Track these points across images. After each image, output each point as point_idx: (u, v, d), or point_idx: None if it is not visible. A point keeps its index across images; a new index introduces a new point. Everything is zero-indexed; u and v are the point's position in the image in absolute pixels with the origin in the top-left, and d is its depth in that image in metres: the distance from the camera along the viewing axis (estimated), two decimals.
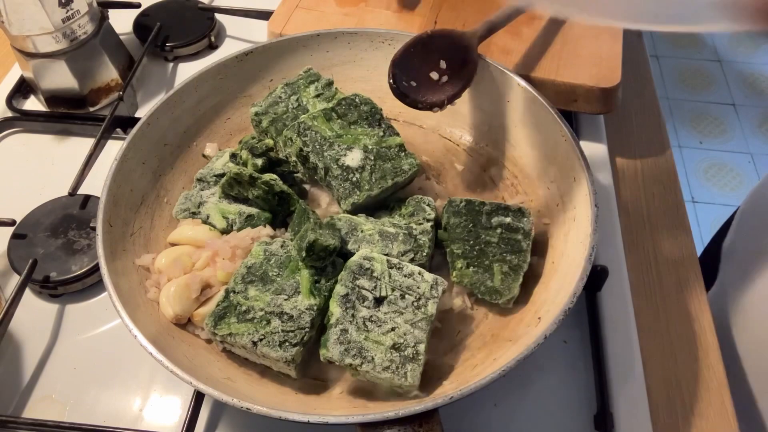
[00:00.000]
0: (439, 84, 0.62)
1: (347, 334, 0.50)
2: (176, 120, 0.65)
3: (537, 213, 0.62)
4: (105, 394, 0.57)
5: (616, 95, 0.71)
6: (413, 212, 0.59)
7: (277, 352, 0.50)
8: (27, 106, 0.81)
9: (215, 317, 0.51)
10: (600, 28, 0.76)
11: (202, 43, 0.88)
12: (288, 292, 0.52)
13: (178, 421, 0.55)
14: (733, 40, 2.53)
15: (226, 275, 0.55)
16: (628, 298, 0.62)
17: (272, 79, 0.70)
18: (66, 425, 0.53)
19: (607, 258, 0.64)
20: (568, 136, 0.59)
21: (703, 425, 0.57)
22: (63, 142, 0.78)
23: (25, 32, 0.72)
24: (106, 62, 0.79)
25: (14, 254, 0.64)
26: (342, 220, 0.58)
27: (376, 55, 0.69)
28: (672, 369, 0.60)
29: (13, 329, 0.61)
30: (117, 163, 0.58)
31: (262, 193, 0.59)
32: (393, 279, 0.53)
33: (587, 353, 0.58)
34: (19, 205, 0.67)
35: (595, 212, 0.54)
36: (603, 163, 0.73)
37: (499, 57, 0.67)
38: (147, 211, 0.61)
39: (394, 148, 0.61)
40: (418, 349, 0.50)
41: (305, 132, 0.61)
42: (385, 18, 0.79)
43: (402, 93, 0.60)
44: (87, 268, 0.63)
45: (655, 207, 0.73)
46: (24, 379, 0.58)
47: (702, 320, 0.63)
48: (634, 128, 0.81)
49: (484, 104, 0.68)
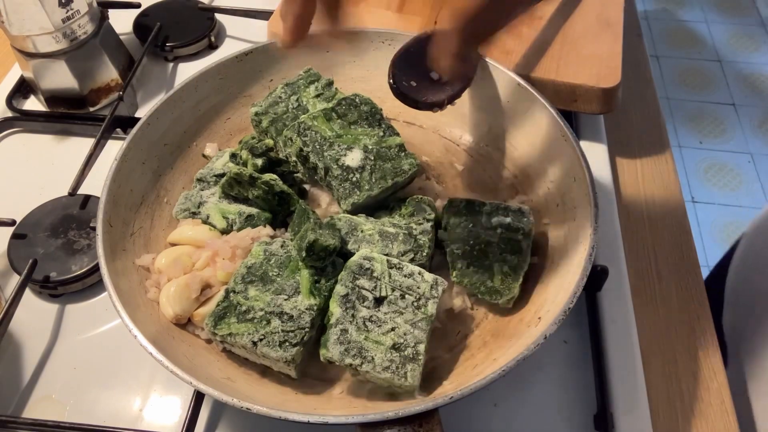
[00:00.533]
0: (439, 84, 0.62)
1: (347, 334, 0.50)
2: (176, 120, 0.65)
3: (537, 213, 0.62)
4: (105, 394, 0.57)
5: (616, 95, 0.71)
6: (413, 212, 0.59)
7: (277, 352, 0.50)
8: (27, 106, 0.81)
9: (215, 317, 0.51)
10: (600, 28, 0.76)
11: (202, 43, 0.88)
12: (288, 292, 0.52)
13: (178, 421, 0.55)
14: (733, 40, 2.53)
15: (226, 275, 0.55)
16: (628, 298, 0.62)
17: (272, 79, 0.70)
18: (66, 425, 0.53)
19: (607, 258, 0.64)
20: (568, 136, 0.59)
21: (703, 425, 0.57)
22: (63, 142, 0.78)
23: (25, 32, 0.72)
24: (106, 62, 0.79)
25: (14, 254, 0.64)
26: (342, 220, 0.58)
27: (376, 55, 0.69)
28: (672, 369, 0.60)
29: (13, 329, 0.61)
30: (117, 163, 0.58)
31: (262, 193, 0.59)
32: (393, 279, 0.53)
33: (587, 353, 0.58)
34: (19, 205, 0.67)
35: (595, 212, 0.54)
36: (603, 163, 0.73)
37: (499, 57, 0.67)
38: (147, 211, 0.61)
39: (394, 148, 0.61)
40: (418, 349, 0.50)
41: (305, 132, 0.61)
42: (385, 18, 0.79)
43: (402, 93, 0.60)
44: (87, 268, 0.63)
45: (655, 207, 0.73)
46: (24, 379, 0.58)
47: (702, 320, 0.63)
48: (634, 128, 0.81)
49: (484, 104, 0.68)
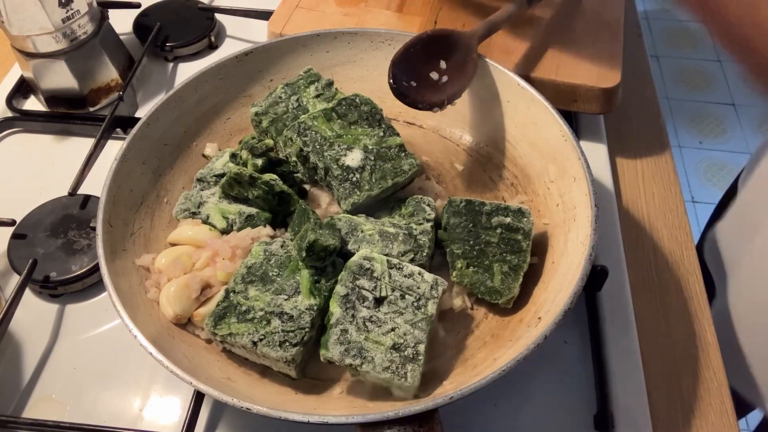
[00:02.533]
0: (439, 84, 0.62)
1: (347, 335, 0.50)
2: (176, 120, 0.65)
3: (537, 213, 0.62)
4: (105, 394, 0.57)
5: (616, 95, 0.71)
6: (413, 212, 0.59)
7: (277, 352, 0.50)
8: (27, 106, 0.81)
9: (215, 317, 0.51)
10: (600, 28, 0.76)
11: (202, 43, 0.88)
12: (288, 292, 0.52)
13: (178, 421, 0.55)
14: None
15: (226, 275, 0.55)
16: (628, 298, 0.62)
17: (272, 79, 0.70)
18: (66, 425, 0.53)
19: (607, 258, 0.64)
20: (568, 136, 0.59)
21: (703, 425, 0.57)
22: (63, 142, 0.78)
23: (25, 32, 0.73)
24: (106, 62, 0.79)
25: (14, 254, 0.64)
26: (342, 220, 0.58)
27: (376, 55, 0.69)
28: (672, 369, 0.60)
29: (13, 329, 0.61)
30: (117, 163, 0.58)
31: (262, 193, 0.59)
32: (393, 279, 0.53)
33: (587, 353, 0.58)
34: (19, 205, 0.67)
35: (595, 212, 0.54)
36: (603, 163, 0.73)
37: (499, 57, 0.67)
38: (147, 211, 0.61)
39: (395, 149, 0.61)
40: (418, 350, 0.50)
41: (305, 132, 0.61)
42: (385, 18, 0.79)
43: (402, 93, 0.60)
44: (87, 268, 0.63)
45: (655, 207, 0.73)
46: (24, 379, 0.58)
47: (702, 320, 0.63)
48: (634, 128, 0.81)
49: (484, 104, 0.68)
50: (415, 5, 0.80)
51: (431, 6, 0.80)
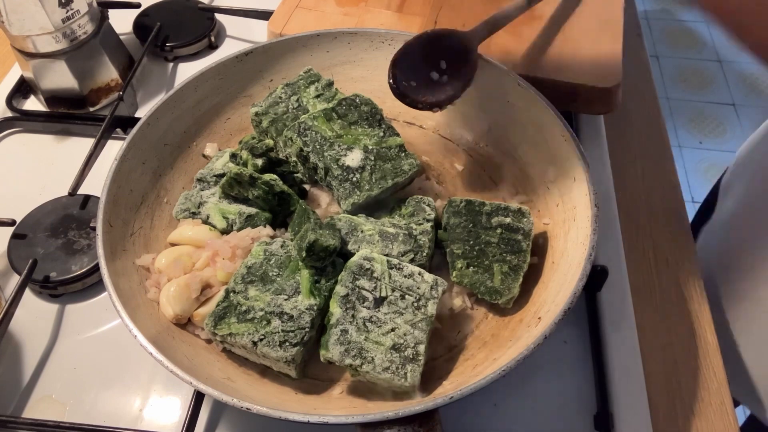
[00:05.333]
0: (439, 84, 0.62)
1: (347, 335, 0.50)
2: (176, 120, 0.65)
3: (537, 213, 0.62)
4: (105, 394, 0.57)
5: (616, 95, 0.71)
6: (413, 212, 0.59)
7: (277, 352, 0.50)
8: (27, 106, 0.81)
9: (215, 317, 0.51)
10: (600, 28, 0.76)
11: (202, 43, 0.88)
12: (288, 292, 0.52)
13: (178, 421, 0.55)
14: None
15: (226, 275, 0.55)
16: (628, 298, 0.62)
17: (272, 79, 0.70)
18: (66, 425, 0.53)
19: (607, 258, 0.64)
20: (568, 136, 0.59)
21: (703, 425, 0.57)
22: (63, 142, 0.78)
23: (25, 32, 0.73)
24: (106, 62, 0.79)
25: (14, 254, 0.64)
26: (342, 220, 0.58)
27: (376, 55, 0.70)
28: (672, 369, 0.60)
29: (13, 329, 0.61)
30: (117, 163, 0.58)
31: (262, 193, 0.59)
32: (393, 279, 0.53)
33: (587, 353, 0.58)
34: (19, 205, 0.67)
35: (595, 212, 0.54)
36: (603, 163, 0.73)
37: (499, 57, 0.67)
38: (147, 211, 0.61)
39: (395, 149, 0.61)
40: (418, 350, 0.50)
41: (305, 132, 0.61)
42: (385, 18, 0.79)
43: (402, 93, 0.60)
44: (87, 268, 0.63)
45: (655, 207, 0.73)
46: (24, 379, 0.58)
47: (702, 320, 0.63)
48: (634, 128, 0.81)
49: (484, 104, 0.68)
50: (415, 5, 0.80)
51: (431, 6, 0.80)
